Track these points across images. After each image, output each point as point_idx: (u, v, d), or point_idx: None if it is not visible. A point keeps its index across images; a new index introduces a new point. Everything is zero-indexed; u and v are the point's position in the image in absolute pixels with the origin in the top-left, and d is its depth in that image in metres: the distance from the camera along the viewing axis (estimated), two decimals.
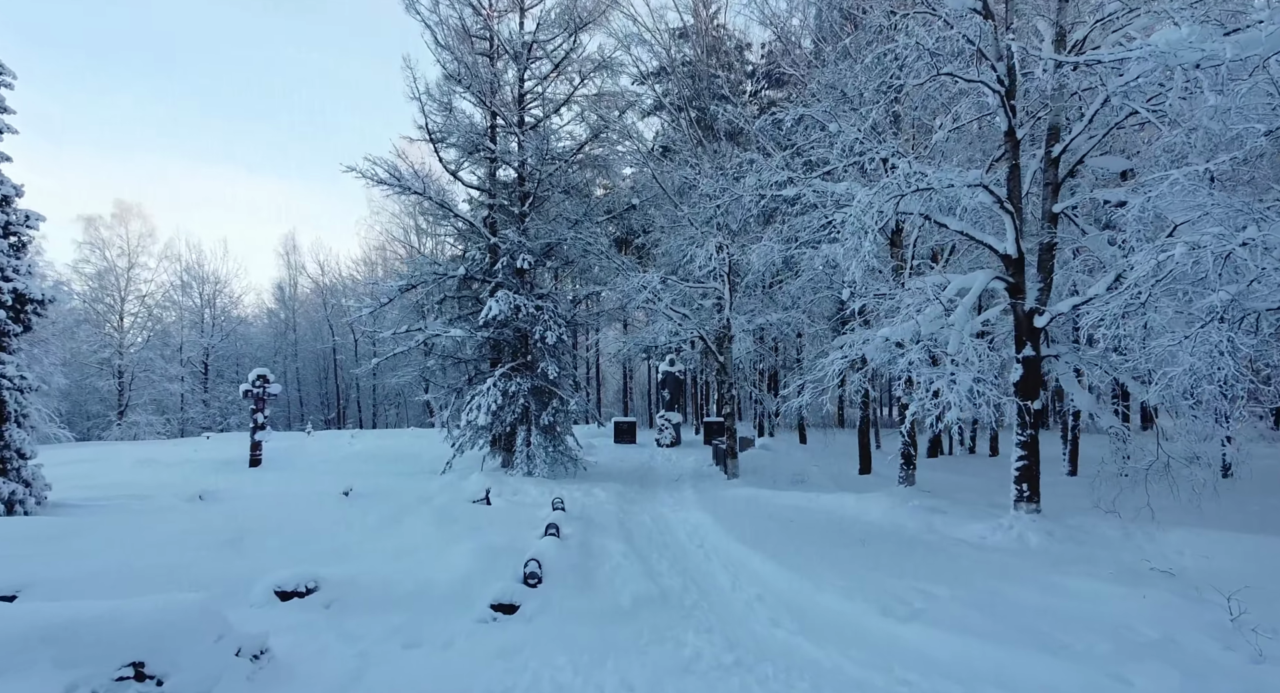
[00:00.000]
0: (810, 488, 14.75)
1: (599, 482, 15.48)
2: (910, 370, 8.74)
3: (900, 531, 9.91)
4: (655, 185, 17.68)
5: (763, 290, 16.53)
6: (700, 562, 8.64)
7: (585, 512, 10.96)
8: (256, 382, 19.20)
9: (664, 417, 24.23)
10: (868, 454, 17.47)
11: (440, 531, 8.86)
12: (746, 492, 13.31)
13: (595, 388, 44.91)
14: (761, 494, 13.01)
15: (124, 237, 39.67)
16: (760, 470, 17.16)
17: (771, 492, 13.14)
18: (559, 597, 6.57)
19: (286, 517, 9.53)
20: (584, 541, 8.77)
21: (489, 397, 15.72)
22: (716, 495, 13.41)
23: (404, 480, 15.35)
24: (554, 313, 16.55)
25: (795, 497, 12.32)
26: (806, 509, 11.43)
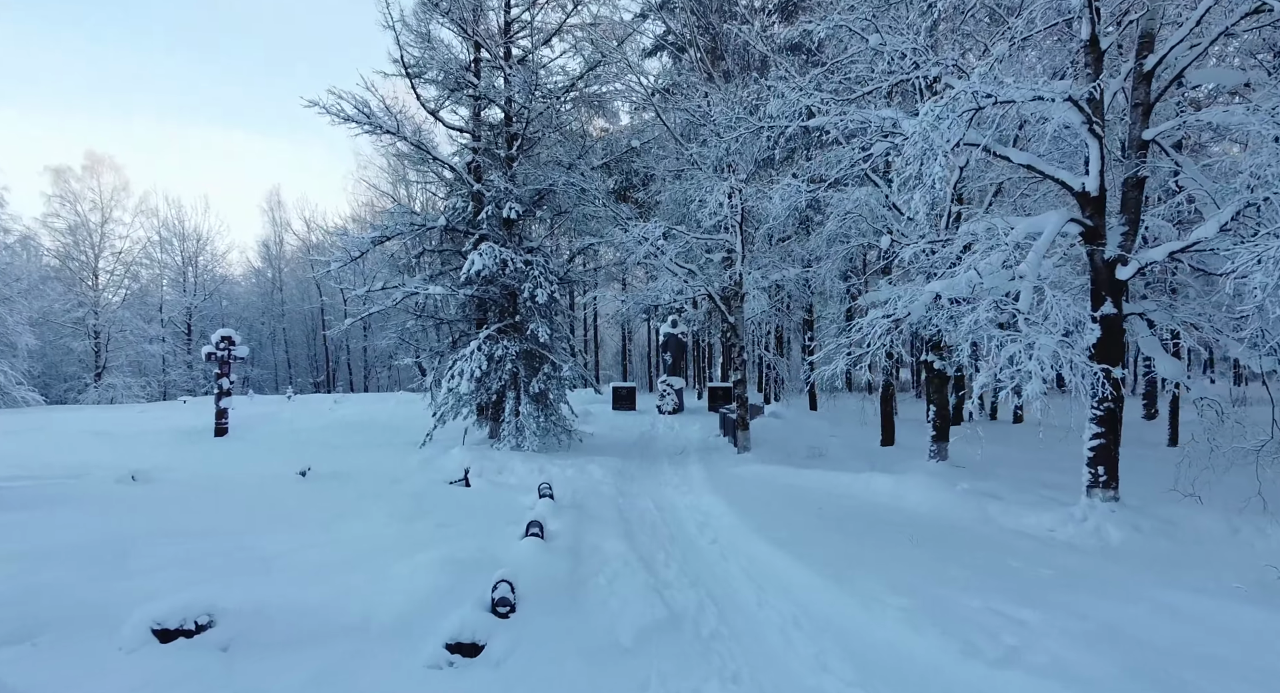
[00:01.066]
0: (832, 464, 13.23)
1: (595, 456, 13.95)
2: (977, 333, 7.08)
3: (952, 522, 8.38)
4: (657, 128, 15.79)
5: (778, 243, 14.77)
6: (716, 564, 7.11)
7: (577, 497, 9.42)
8: (221, 343, 17.56)
9: (666, 382, 22.66)
10: (891, 424, 15.94)
11: (401, 529, 7.30)
12: (761, 469, 11.78)
13: (593, 351, 43.32)
14: (779, 472, 11.48)
15: (96, 190, 37.61)
16: (773, 442, 15.64)
17: (790, 469, 11.61)
18: (538, 628, 5.02)
19: (215, 508, 7.98)
20: (574, 540, 7.22)
21: (472, 361, 14.09)
22: (727, 473, 11.88)
23: (378, 455, 13.81)
24: (545, 269, 14.82)
25: (819, 477, 10.79)
26: (835, 493, 9.89)
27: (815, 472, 11.11)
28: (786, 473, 11.36)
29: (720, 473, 11.96)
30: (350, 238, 14.56)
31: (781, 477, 11.23)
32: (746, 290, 13.66)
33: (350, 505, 8.50)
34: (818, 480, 10.57)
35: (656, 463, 13.93)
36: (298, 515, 7.85)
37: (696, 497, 10.31)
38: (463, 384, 13.97)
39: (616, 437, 17.51)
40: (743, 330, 14.23)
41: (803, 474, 11.05)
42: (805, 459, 14.07)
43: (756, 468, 11.86)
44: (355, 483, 10.07)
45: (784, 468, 11.72)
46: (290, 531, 7.14)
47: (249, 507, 8.23)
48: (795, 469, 11.44)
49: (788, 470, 11.53)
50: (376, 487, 9.85)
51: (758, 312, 13.08)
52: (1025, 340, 6.75)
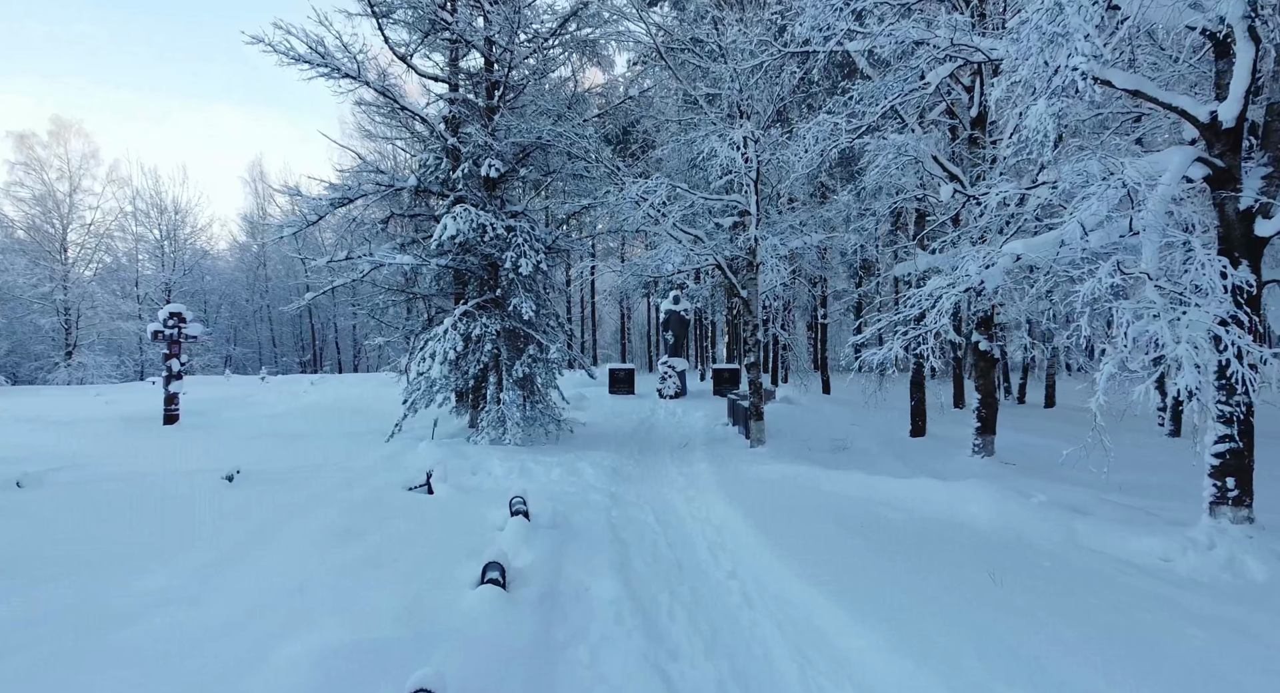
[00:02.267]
0: (861, 460, 11.46)
1: (587, 450, 12.17)
2: (1099, 302, 5.24)
3: (1032, 546, 6.59)
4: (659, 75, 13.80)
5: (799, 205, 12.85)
6: (739, 613, 5.33)
7: (560, 512, 7.62)
8: (169, 320, 15.69)
9: (667, 363, 20.83)
10: (922, 412, 14.15)
11: (319, 564, 5.51)
12: (781, 469, 9.99)
13: (590, 330, 41.47)
14: (803, 473, 9.70)
15: (63, 158, 35.49)
16: (788, 432, 13.86)
17: (816, 469, 9.82)
18: None
19: (98, 528, 6.20)
20: (550, 582, 5.44)
21: (445, 342, 12.26)
22: (741, 473, 10.10)
23: (339, 448, 12.02)
24: (530, 236, 12.94)
25: (853, 480, 9.00)
26: (875, 502, 8.10)
27: (847, 474, 9.31)
28: (812, 474, 9.58)
29: (732, 472, 10.18)
30: (305, 199, 12.64)
31: (806, 478, 9.44)
32: (762, 259, 11.77)
33: (273, 523, 6.72)
34: (853, 485, 8.78)
35: (658, 458, 12.14)
36: (199, 539, 6.07)
37: (706, 505, 8.53)
38: (434, 368, 12.17)
39: (613, 425, 15.73)
40: (756, 306, 12.37)
41: (832, 477, 9.26)
42: (828, 454, 12.31)
43: (775, 467, 10.07)
44: (294, 488, 8.28)
45: (808, 467, 9.94)
46: (170, 567, 5.35)
47: (143, 525, 6.45)
48: (823, 470, 9.65)
49: (813, 470, 9.74)
50: (318, 494, 8.06)
51: (776, 284, 11.18)
52: (1166, 315, 4.90)
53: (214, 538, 6.17)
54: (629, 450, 12.85)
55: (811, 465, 10.18)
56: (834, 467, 10.27)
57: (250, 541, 6.15)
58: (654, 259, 11.82)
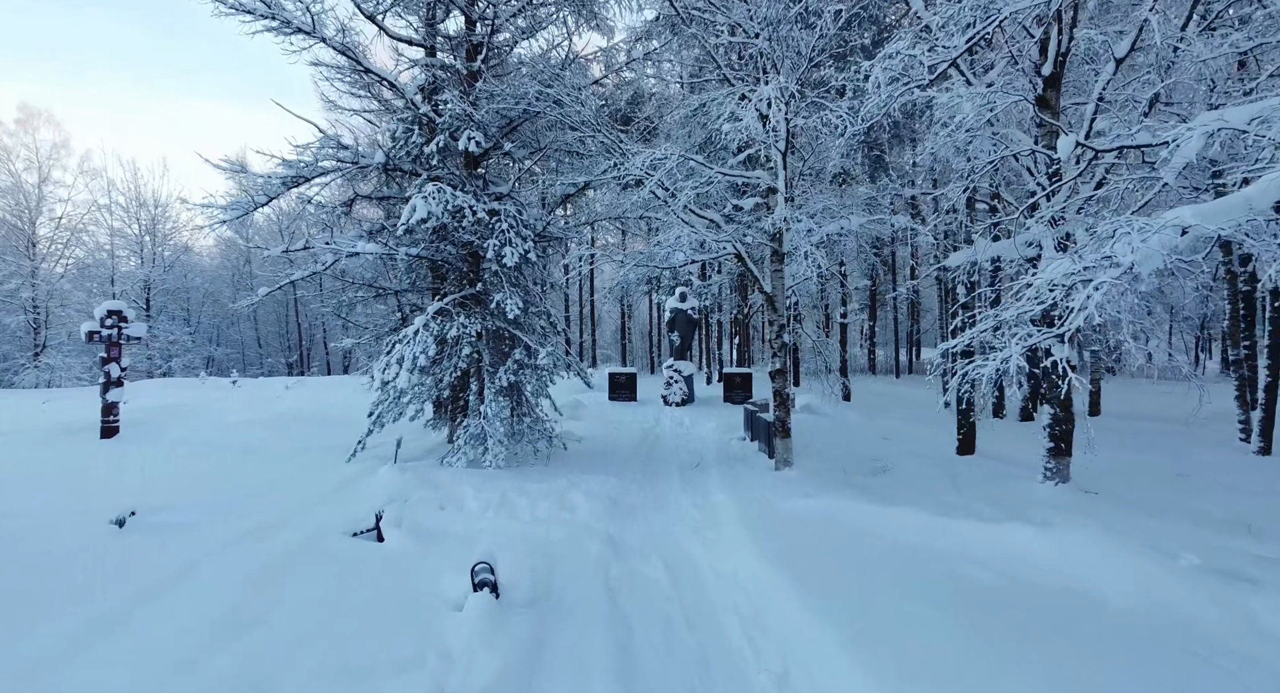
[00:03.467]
0: (910, 487, 9.58)
1: (582, 472, 10.30)
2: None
3: (1205, 638, 4.70)
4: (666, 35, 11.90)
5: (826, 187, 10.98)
6: None
7: (543, 575, 5.74)
8: (107, 319, 13.79)
9: (673, 367, 18.94)
10: (970, 425, 12.25)
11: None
12: (820, 504, 8.09)
13: (589, 329, 39.60)
14: (848, 509, 7.80)
15: (32, 147, 33.59)
16: (817, 449, 11.96)
17: (863, 503, 7.93)
18: None
19: None
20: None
21: (415, 345, 10.38)
22: (770, 507, 8.21)
23: (286, 472, 10.15)
24: (517, 221, 11.06)
25: (917, 522, 7.10)
26: (955, 556, 6.20)
27: (907, 512, 7.41)
28: (860, 512, 7.68)
29: (759, 505, 8.28)
30: (252, 177, 10.74)
31: (855, 517, 7.54)
32: (794, 247, 9.88)
33: (141, 596, 4.84)
34: (919, 530, 6.89)
35: (665, 483, 10.25)
36: (14, 631, 4.19)
37: (732, 555, 6.66)
38: (401, 376, 10.27)
39: (612, 439, 13.84)
40: (783, 303, 10.48)
41: (889, 517, 7.36)
42: (868, 477, 10.43)
43: (813, 502, 8.17)
44: (198, 536, 6.40)
45: (853, 501, 8.03)
46: None
47: None
48: (873, 505, 7.75)
49: (860, 506, 7.84)
50: (225, 545, 6.18)
51: (809, 276, 9.25)
52: None
53: (46, 627, 4.29)
54: (631, 472, 10.97)
55: (856, 498, 8.28)
56: (884, 499, 8.38)
57: (88, 635, 4.27)
58: (662, 248, 9.94)
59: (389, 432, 12.59)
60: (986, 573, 5.81)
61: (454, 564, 5.86)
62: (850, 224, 9.74)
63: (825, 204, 9.70)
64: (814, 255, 8.90)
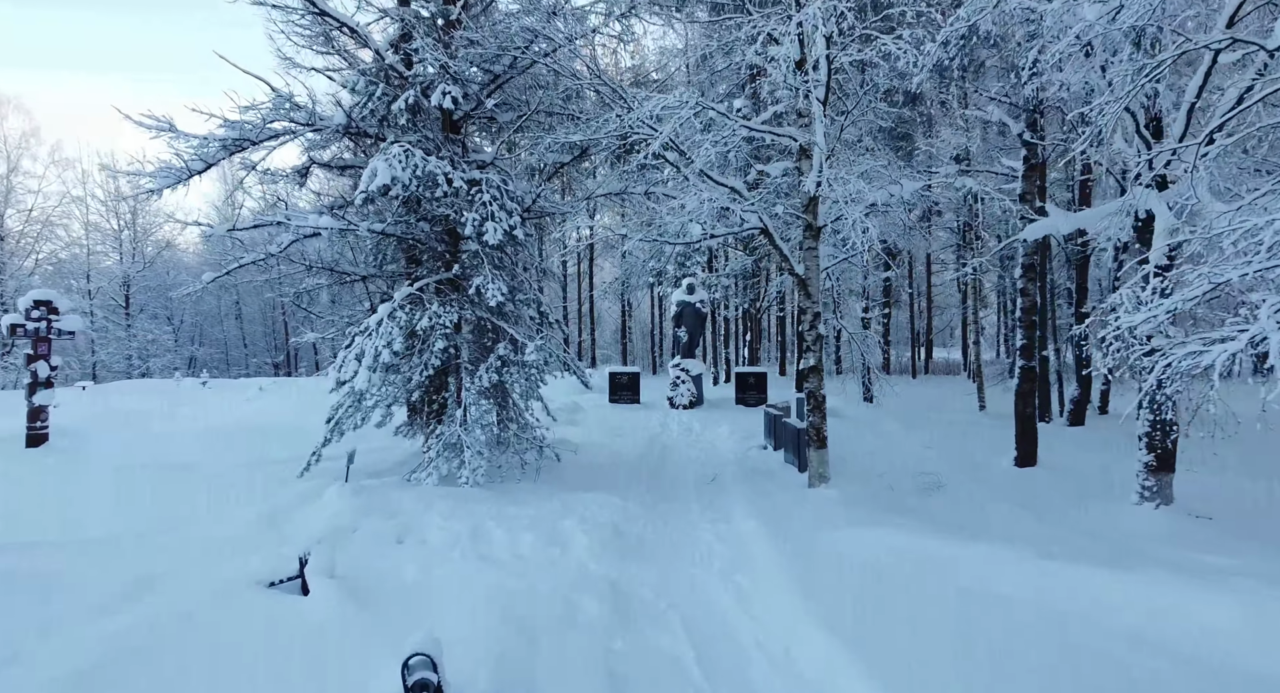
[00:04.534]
0: (977, 511, 7.86)
1: (577, 491, 8.57)
2: None
3: None
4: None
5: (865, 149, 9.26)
6: None
7: (515, 651, 4.02)
8: (34, 311, 12.06)
9: (680, 366, 17.21)
10: (1032, 432, 10.51)
11: None
12: (879, 540, 6.32)
13: (589, 328, 37.87)
14: (915, 547, 6.05)
15: None
16: (853, 460, 10.22)
17: (932, 539, 6.17)
18: None
19: None
20: None
21: (378, 338, 8.66)
22: (816, 544, 6.47)
23: (219, 488, 8.42)
24: (501, 192, 9.36)
25: (1012, 566, 5.35)
26: (1099, 627, 4.44)
27: (999, 553, 5.66)
28: (933, 550, 5.93)
29: (800, 541, 6.55)
30: (184, 138, 9.00)
31: (931, 559, 5.80)
32: (831, 220, 8.14)
33: None
34: (1026, 581, 5.14)
35: (679, 506, 8.51)
36: None
37: (778, 617, 4.94)
38: (360, 375, 8.55)
39: (613, 449, 12.10)
40: (817, 287, 8.75)
41: (978, 558, 5.61)
42: (919, 497, 8.70)
43: (870, 538, 6.41)
44: (50, 595, 4.67)
45: (924, 538, 6.28)
46: None
47: None
48: (956, 544, 5.99)
49: (932, 542, 6.09)
50: (89, 608, 4.46)
51: (860, 250, 7.45)
52: None
53: None
54: (637, 490, 9.24)
55: (923, 530, 6.53)
56: (956, 531, 6.64)
57: None
58: (675, 217, 8.19)
59: (354, 441, 10.87)
60: (1163, 663, 4.06)
61: (392, 638, 4.13)
62: (903, 190, 8.00)
63: (871, 166, 7.96)
64: (864, 224, 7.15)
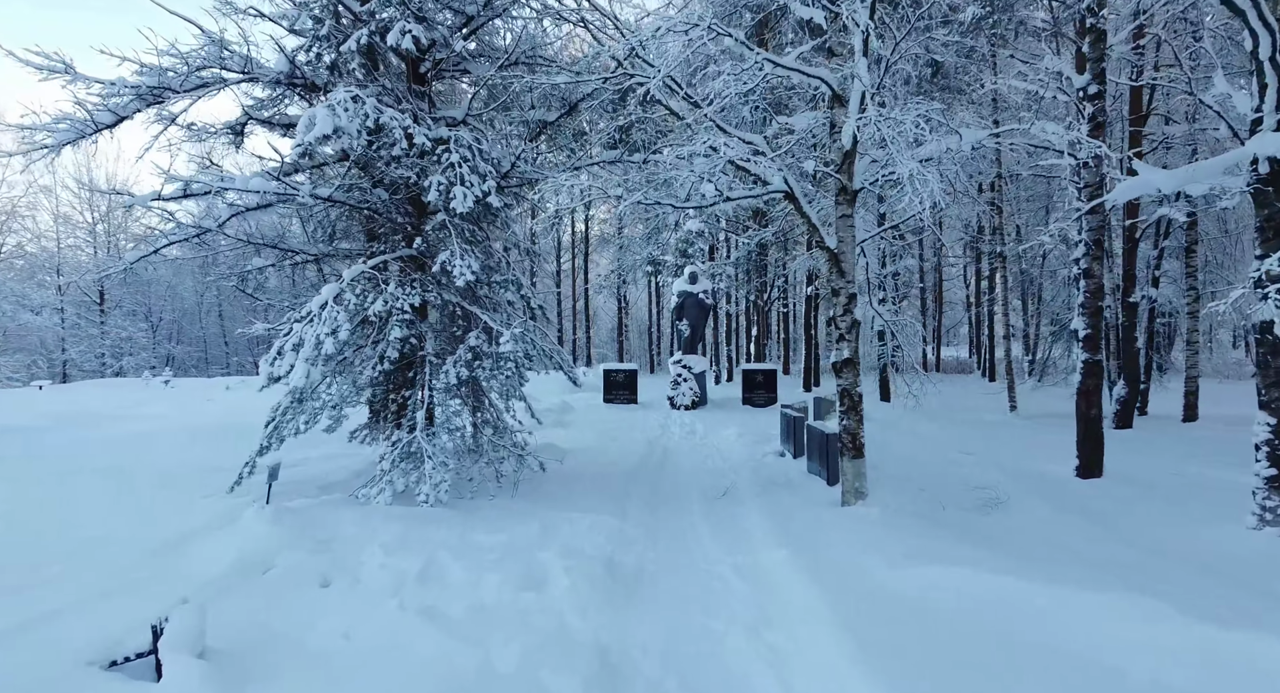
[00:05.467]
0: (1048, 538, 6.35)
1: (563, 509, 7.04)
2: None
3: None
4: None
5: None
6: None
7: None
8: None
9: (681, 363, 15.70)
10: (1099, 438, 9.00)
11: None
12: (950, 582, 4.80)
13: (584, 325, 36.34)
14: (999, 592, 4.54)
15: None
16: (887, 469, 8.70)
17: (1019, 581, 4.64)
18: None
19: None
20: None
21: (321, 326, 7.12)
22: (863, 582, 4.96)
23: (120, 510, 6.89)
24: (473, 152, 7.84)
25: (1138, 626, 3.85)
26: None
27: (1115, 603, 4.17)
28: (1033, 600, 4.42)
29: (849, 579, 5.04)
30: (87, 81, 7.46)
31: (1025, 611, 4.30)
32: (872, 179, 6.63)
33: None
34: (1158, 650, 3.64)
35: (685, 525, 6.99)
36: None
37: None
38: (297, 370, 7.00)
39: (607, 456, 10.56)
40: (851, 262, 7.26)
41: (1080, 608, 4.11)
42: (978, 515, 7.21)
43: (937, 578, 4.88)
44: None
45: (1008, 578, 4.75)
46: None
47: None
48: (1054, 588, 4.46)
49: (1023, 587, 4.58)
50: None
51: (921, 209, 5.88)
52: None
53: None
54: (634, 506, 7.71)
55: (1003, 568, 5.00)
56: (1041, 567, 5.12)
57: None
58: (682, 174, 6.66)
59: (304, 447, 9.38)
60: None
61: None
62: (961, 141, 6.49)
63: (926, 109, 6.45)
64: (922, 176, 5.64)
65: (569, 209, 7.17)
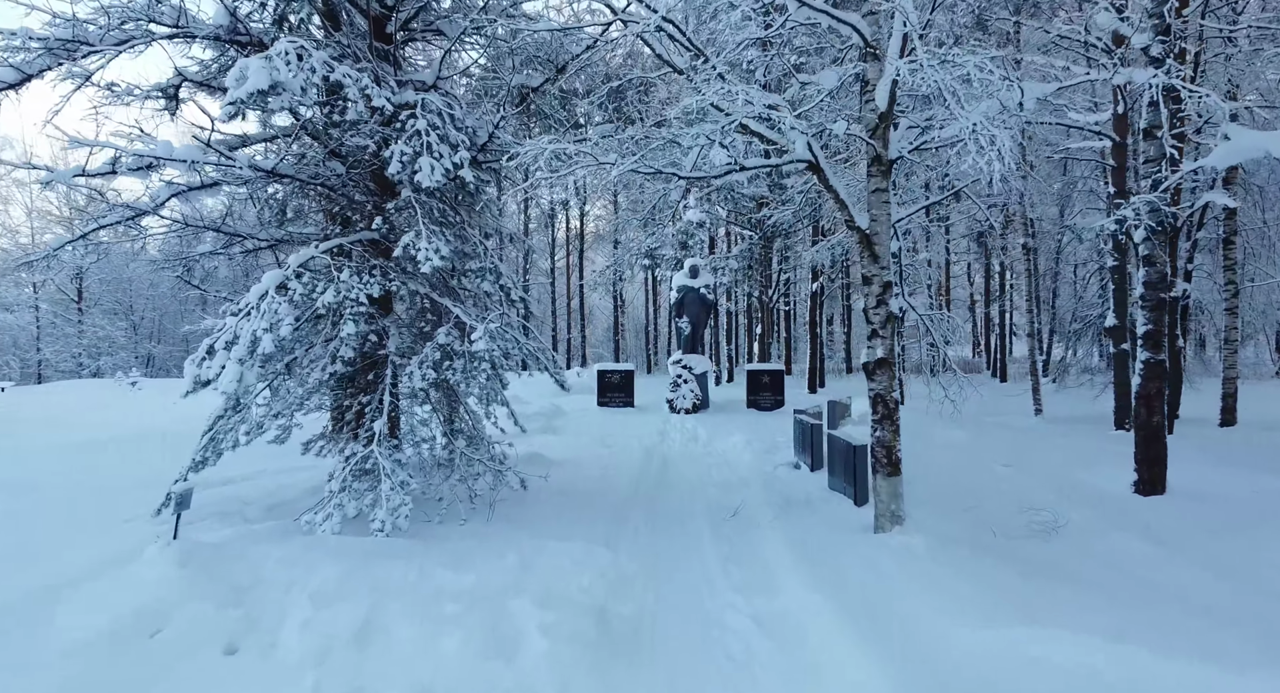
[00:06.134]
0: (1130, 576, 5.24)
1: (543, 540, 5.89)
2: None
3: None
4: None
5: None
6: None
7: None
8: None
9: (681, 364, 14.59)
10: (1160, 449, 7.90)
11: None
12: (1053, 652, 3.69)
13: (579, 323, 35.21)
14: (1154, 674, 3.42)
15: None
16: (924, 487, 7.60)
17: (1151, 659, 3.53)
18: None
19: None
20: None
21: (258, 320, 5.99)
22: (929, 651, 3.84)
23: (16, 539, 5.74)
24: (444, 120, 6.73)
25: None
26: None
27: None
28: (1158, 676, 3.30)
29: (905, 646, 3.92)
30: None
31: None
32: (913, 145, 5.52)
33: None
34: None
35: (693, 558, 5.86)
36: None
37: None
38: (228, 372, 5.87)
39: (600, 467, 9.42)
40: (886, 245, 6.17)
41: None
42: (1037, 542, 6.12)
43: (1023, 639, 3.78)
44: None
45: (1119, 649, 3.64)
46: None
47: None
48: (1206, 668, 3.35)
49: (1146, 660, 3.46)
50: None
51: (992, 173, 4.74)
52: None
53: None
54: (629, 533, 6.59)
55: (1133, 636, 3.89)
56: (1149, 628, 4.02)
57: None
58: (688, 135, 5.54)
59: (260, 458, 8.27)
60: None
61: None
62: (1022, 97, 5.38)
63: (982, 58, 5.34)
64: (989, 133, 4.54)
65: (554, 182, 6.37)
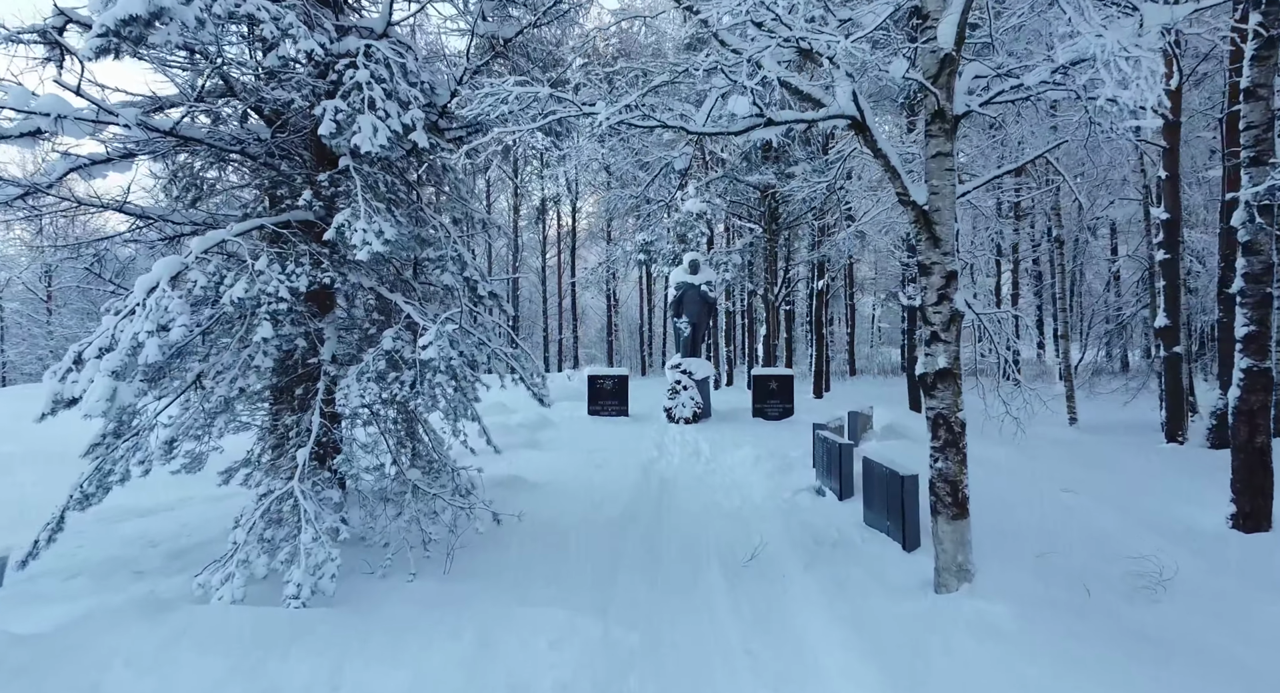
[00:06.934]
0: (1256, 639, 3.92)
1: (509, 607, 4.51)
2: None
3: None
4: None
5: None
6: None
7: None
8: None
9: (680, 368, 13.23)
10: (1265, 475, 6.57)
11: None
12: None
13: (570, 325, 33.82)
14: None
15: None
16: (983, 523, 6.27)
17: None
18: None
19: None
20: None
21: (144, 319, 4.61)
22: None
23: None
24: (392, 72, 5.39)
25: None
26: None
27: None
28: None
29: None
30: None
31: None
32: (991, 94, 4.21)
33: None
34: None
35: (707, 627, 4.51)
36: None
37: None
38: (97, 388, 4.49)
39: (586, 494, 8.01)
40: (949, 226, 4.83)
41: None
42: (1142, 605, 4.79)
43: None
44: None
45: None
46: None
47: None
48: None
49: None
50: None
51: (1120, 118, 3.41)
52: None
53: None
54: (623, 588, 5.22)
55: None
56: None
57: None
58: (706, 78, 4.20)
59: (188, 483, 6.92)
60: None
61: None
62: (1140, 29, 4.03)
63: None
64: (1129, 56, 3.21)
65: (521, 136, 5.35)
